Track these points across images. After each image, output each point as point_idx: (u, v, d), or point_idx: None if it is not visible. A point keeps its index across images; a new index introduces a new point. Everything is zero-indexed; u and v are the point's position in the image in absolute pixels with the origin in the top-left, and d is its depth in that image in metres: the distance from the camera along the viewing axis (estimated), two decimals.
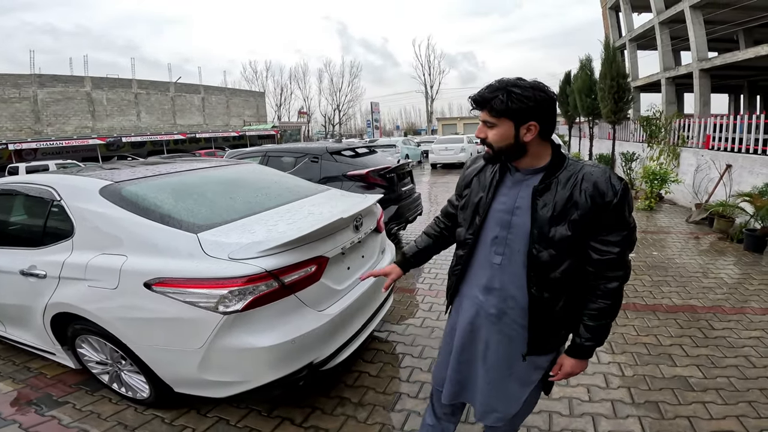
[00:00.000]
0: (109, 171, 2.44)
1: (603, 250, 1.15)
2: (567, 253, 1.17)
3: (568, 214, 1.14)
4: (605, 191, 1.12)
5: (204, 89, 33.56)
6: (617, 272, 1.17)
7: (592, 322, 1.20)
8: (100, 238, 2.02)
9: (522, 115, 1.13)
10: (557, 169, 1.19)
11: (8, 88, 22.47)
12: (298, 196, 2.64)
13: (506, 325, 1.28)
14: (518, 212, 1.21)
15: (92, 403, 2.34)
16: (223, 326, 1.73)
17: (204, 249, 1.81)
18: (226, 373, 1.82)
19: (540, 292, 1.20)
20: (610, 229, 1.14)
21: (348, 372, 2.55)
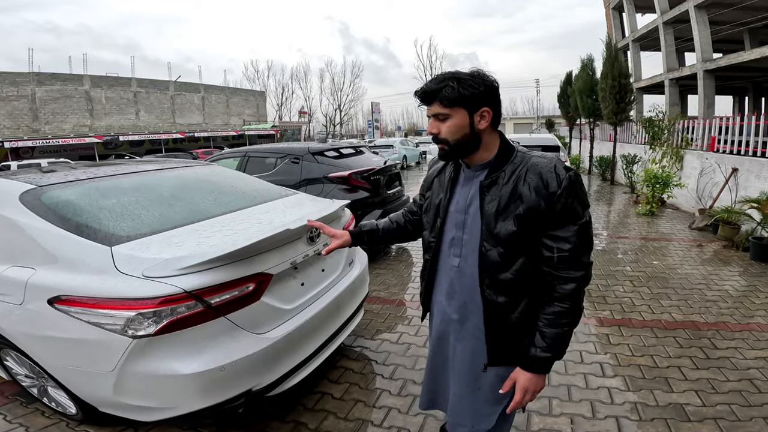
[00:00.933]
0: (41, 174, 2.19)
1: (553, 247, 1.08)
2: (517, 251, 1.10)
3: (513, 209, 1.09)
4: (549, 182, 1.05)
5: (204, 88, 33.40)
6: (573, 272, 1.08)
7: (548, 329, 1.10)
8: (12, 249, 1.82)
9: (475, 101, 1.07)
10: (504, 162, 1.13)
11: (6, 86, 22.36)
12: (253, 202, 2.38)
13: (468, 331, 1.21)
14: (470, 210, 1.17)
15: (24, 415, 2.17)
16: (134, 350, 1.52)
17: (116, 264, 1.57)
18: (147, 398, 1.60)
19: (494, 295, 1.14)
20: (559, 224, 1.07)
21: (309, 393, 2.31)
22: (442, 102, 1.07)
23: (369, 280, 2.82)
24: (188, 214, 2.03)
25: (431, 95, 1.08)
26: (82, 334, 1.57)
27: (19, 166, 14.54)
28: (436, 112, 1.09)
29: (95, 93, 26.08)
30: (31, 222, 1.76)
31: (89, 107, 25.75)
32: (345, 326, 2.37)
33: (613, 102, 10.01)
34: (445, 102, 1.06)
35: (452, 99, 1.06)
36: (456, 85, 1.05)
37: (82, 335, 1.57)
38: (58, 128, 24.07)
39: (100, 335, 1.53)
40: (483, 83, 1.07)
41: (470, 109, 1.08)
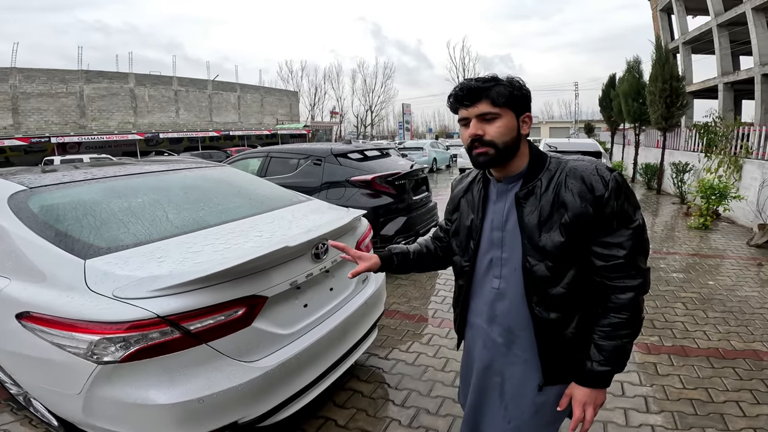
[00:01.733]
0: (37, 174, 2.07)
1: (606, 255, 1.00)
2: (567, 263, 1.02)
3: (557, 218, 1.01)
4: (594, 185, 0.98)
5: (240, 87, 34.20)
6: (629, 281, 1.00)
7: (605, 342, 1.01)
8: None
9: (522, 104, 1.04)
10: (538, 170, 1.06)
11: (56, 83, 23.63)
12: (259, 209, 2.17)
13: (517, 355, 1.12)
14: (508, 226, 1.08)
15: (11, 422, 2.11)
16: (100, 376, 1.35)
17: (87, 281, 1.39)
18: (118, 424, 1.43)
19: (545, 311, 1.04)
20: (610, 229, 0.99)
21: (312, 417, 2.11)
22: (493, 101, 1.00)
23: (387, 293, 2.57)
24: (183, 223, 1.85)
25: (479, 92, 1.00)
26: (47, 354, 1.43)
27: (62, 161, 15.26)
28: (484, 112, 1.01)
29: (139, 91, 27.21)
30: (13, 228, 1.62)
31: (133, 105, 26.88)
32: (354, 349, 2.13)
33: (662, 106, 9.41)
34: (500, 99, 0.99)
35: (507, 98, 1.00)
36: (507, 84, 1.01)
37: (47, 355, 1.43)
38: (103, 125, 25.25)
39: (64, 357, 1.38)
40: (526, 89, 1.04)
41: (517, 111, 1.03)
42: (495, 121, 1.01)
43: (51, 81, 23.45)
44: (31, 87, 22.73)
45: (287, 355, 1.63)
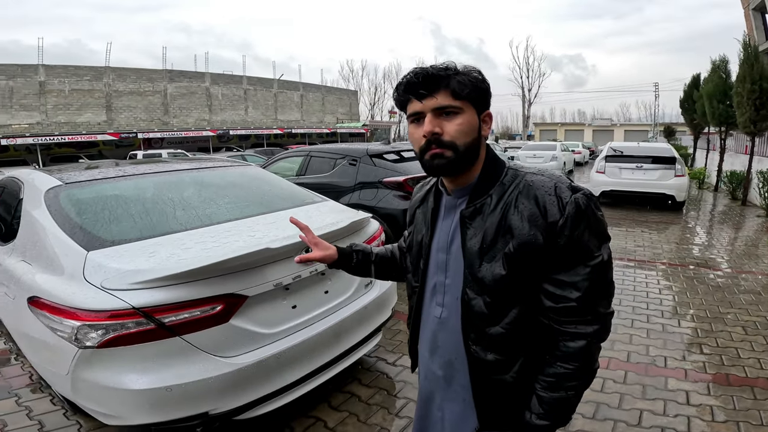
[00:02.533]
0: (76, 171, 2.32)
1: (557, 295, 0.83)
2: (509, 300, 0.87)
3: (501, 246, 0.84)
4: (548, 207, 0.81)
5: (303, 86, 35.69)
6: (583, 327, 0.84)
7: (546, 393, 0.87)
8: (26, 244, 1.93)
9: (484, 100, 0.87)
10: (490, 184, 0.88)
11: (144, 82, 26.33)
12: (266, 209, 2.25)
13: (456, 392, 0.99)
14: (453, 248, 0.93)
15: (35, 399, 2.28)
16: (81, 359, 1.49)
17: (84, 272, 1.54)
18: (98, 404, 1.58)
19: (482, 352, 0.90)
20: (563, 265, 0.82)
21: (303, 416, 2.14)
22: (456, 92, 0.82)
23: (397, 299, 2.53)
24: (186, 221, 1.97)
25: (437, 80, 0.82)
26: (45, 337, 1.59)
27: (144, 155, 16.94)
28: (443, 105, 0.82)
29: (214, 90, 29.48)
30: (43, 220, 1.83)
31: (208, 103, 29.19)
32: (349, 353, 2.13)
33: (751, 108, 8.43)
34: (463, 91, 0.82)
35: (470, 90, 0.83)
36: (473, 73, 0.84)
37: (45, 338, 1.60)
38: (183, 122, 27.69)
39: (56, 340, 1.54)
40: (487, 81, 0.87)
41: (479, 108, 0.87)
42: (455, 116, 0.83)
43: (140, 80, 26.14)
44: (122, 85, 25.49)
45: (266, 354, 1.67)
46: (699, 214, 8.29)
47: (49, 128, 21.93)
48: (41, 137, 18.69)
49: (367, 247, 1.21)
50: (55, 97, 22.86)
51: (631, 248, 5.45)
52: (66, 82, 23.19)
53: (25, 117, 21.87)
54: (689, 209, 8.54)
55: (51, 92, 22.69)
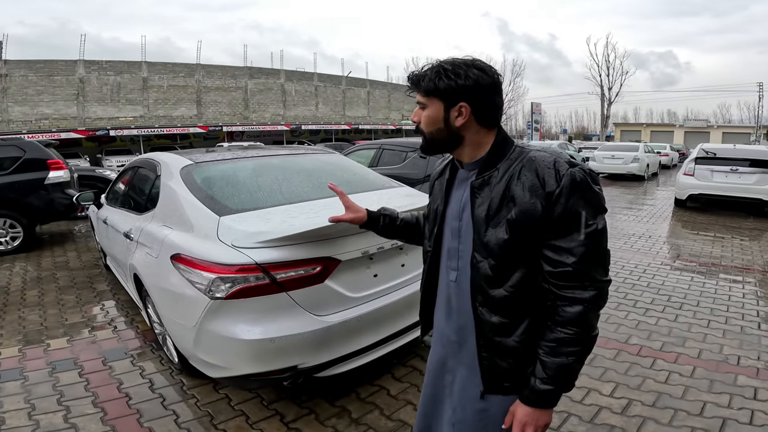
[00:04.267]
0: (201, 153, 2.80)
1: (555, 260, 0.91)
2: (512, 263, 0.95)
3: (505, 213, 0.94)
4: (546, 179, 0.90)
5: (369, 83, 36.48)
6: (580, 292, 0.90)
7: (549, 358, 0.93)
8: (166, 211, 2.30)
9: (450, 94, 0.96)
10: (497, 159, 0.99)
11: (228, 78, 28.61)
12: (352, 190, 2.51)
13: (467, 354, 1.06)
14: (464, 216, 1.03)
15: (147, 360, 2.64)
16: (210, 310, 1.78)
17: (218, 232, 1.88)
18: (211, 355, 1.89)
19: (488, 314, 0.98)
20: (560, 232, 0.91)
21: (368, 383, 2.38)
22: (420, 89, 1.00)
23: None
24: (290, 196, 2.31)
25: (416, 81, 1.01)
26: (183, 290, 1.90)
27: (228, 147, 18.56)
28: (418, 100, 1.02)
29: (288, 86, 31.22)
30: (181, 191, 2.24)
31: (283, 99, 31.00)
32: (417, 326, 2.34)
33: None
34: (423, 90, 0.99)
35: (429, 88, 0.98)
36: (433, 74, 0.97)
37: (182, 290, 1.90)
38: (261, 117, 29.73)
39: (192, 292, 1.82)
40: (466, 76, 0.94)
41: (446, 102, 0.97)
42: (424, 110, 1.01)
43: (224, 76, 28.43)
44: (210, 81, 27.89)
45: (350, 315, 1.94)
46: None
47: (150, 121, 24.69)
48: (144, 129, 21.11)
49: (394, 212, 1.39)
50: (156, 92, 25.62)
51: (718, 253, 5.13)
52: (164, 78, 25.91)
53: (130, 111, 24.79)
54: None
55: (152, 87, 25.46)
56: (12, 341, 2.95)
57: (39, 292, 3.99)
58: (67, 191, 6.00)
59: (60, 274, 4.53)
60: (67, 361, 2.65)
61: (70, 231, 6.94)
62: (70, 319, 3.33)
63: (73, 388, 2.35)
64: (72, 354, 2.74)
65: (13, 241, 5.54)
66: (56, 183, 5.84)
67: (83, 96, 23.29)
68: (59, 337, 2.98)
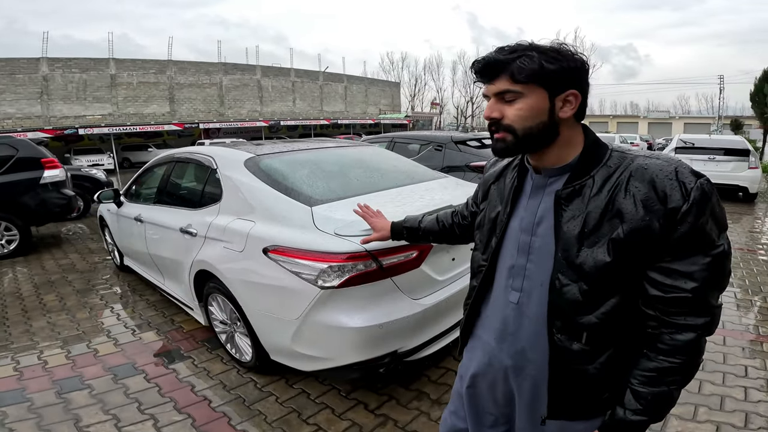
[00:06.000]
0: (253, 146, 2.76)
1: (668, 285, 0.78)
2: (609, 289, 0.82)
3: (607, 230, 0.80)
4: (669, 192, 0.76)
5: (347, 78, 36.23)
6: (693, 319, 0.78)
7: (646, 389, 0.82)
8: (238, 204, 2.24)
9: (560, 79, 0.81)
10: (592, 165, 0.84)
11: (202, 74, 27.69)
12: (413, 180, 2.60)
13: (526, 380, 0.96)
14: (540, 230, 0.89)
15: (208, 360, 2.60)
16: (319, 300, 1.77)
17: (315, 222, 1.88)
18: (313, 347, 1.88)
19: (568, 341, 0.86)
20: (680, 254, 0.77)
21: (434, 366, 2.47)
22: (515, 76, 0.81)
23: None
24: (362, 186, 2.34)
25: (498, 66, 0.82)
26: (283, 282, 1.85)
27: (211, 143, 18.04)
28: (503, 90, 0.83)
29: (264, 82, 30.57)
30: (255, 183, 2.21)
31: (260, 95, 30.32)
32: None
33: None
34: (521, 76, 0.80)
35: (530, 73, 0.80)
36: (537, 55, 0.80)
37: (283, 282, 1.85)
38: (237, 113, 28.97)
39: (297, 284, 1.79)
40: (572, 58, 0.81)
41: (552, 89, 0.82)
42: (515, 101, 0.83)
43: (198, 73, 27.53)
44: (183, 78, 26.92)
45: (440, 297, 2.01)
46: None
47: (119, 119, 23.63)
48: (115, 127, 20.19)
49: (415, 221, 1.40)
50: (125, 90, 24.53)
51: None
52: (134, 75, 24.82)
53: (98, 108, 23.65)
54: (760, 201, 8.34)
55: (121, 85, 24.36)
56: (53, 348, 2.83)
57: (57, 296, 3.83)
58: (63, 191, 5.76)
59: (72, 277, 4.35)
60: (125, 366, 2.57)
61: (60, 232, 6.64)
62: (105, 322, 3.23)
63: (147, 395, 2.27)
64: (126, 359, 2.66)
65: (9, 245, 5.27)
66: (52, 182, 5.59)
67: (47, 94, 22.05)
68: (104, 342, 2.89)
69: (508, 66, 0.81)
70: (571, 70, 0.82)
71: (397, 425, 2.00)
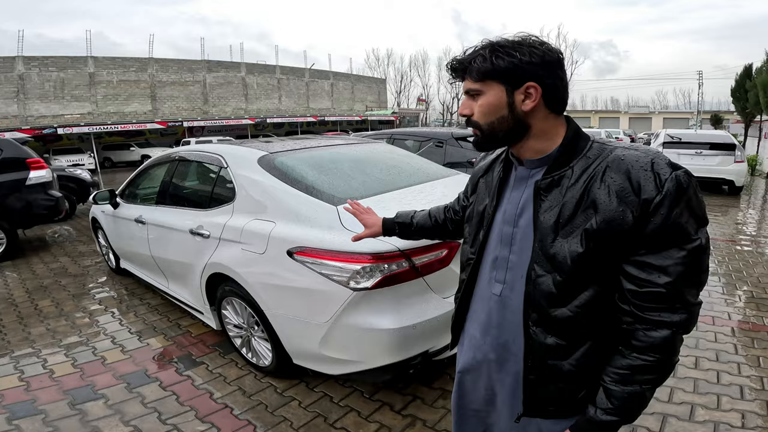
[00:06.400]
0: (264, 143, 2.68)
1: (642, 279, 0.76)
2: (582, 281, 0.81)
3: (581, 221, 0.79)
4: (642, 183, 0.74)
5: (333, 75, 35.94)
6: (668, 315, 0.76)
7: (618, 387, 0.80)
8: (255, 204, 2.16)
9: (515, 74, 0.81)
10: (571, 156, 0.84)
11: (185, 72, 27.10)
12: (429, 177, 2.57)
13: (508, 374, 0.96)
14: (521, 222, 0.89)
15: (222, 365, 2.52)
16: (351, 303, 1.72)
17: (342, 222, 1.82)
18: (344, 351, 1.82)
19: (542, 334, 0.86)
20: (654, 246, 0.75)
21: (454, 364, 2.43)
22: (472, 75, 0.84)
23: None
24: (383, 184, 2.30)
25: (462, 68, 0.86)
26: (312, 284, 1.77)
27: (197, 142, 17.69)
28: (467, 88, 0.86)
29: (249, 79, 30.08)
30: (271, 182, 2.13)
31: (245, 92, 29.83)
32: None
33: None
34: (476, 74, 0.83)
35: (483, 71, 0.82)
36: (488, 53, 0.82)
37: (311, 285, 1.78)
38: (221, 111, 28.44)
39: (327, 286, 1.73)
40: (530, 52, 0.81)
41: (509, 84, 0.82)
42: (479, 98, 0.86)
43: (181, 70, 26.93)
44: (165, 76, 26.31)
45: None
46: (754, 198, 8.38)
47: (99, 118, 22.95)
48: (95, 126, 19.61)
49: (407, 217, 1.32)
50: (104, 88, 23.84)
51: None
52: (114, 73, 24.13)
53: (77, 107, 22.94)
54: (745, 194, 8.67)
55: (100, 83, 23.67)
56: (57, 356, 2.72)
57: (53, 301, 3.69)
58: (51, 192, 5.56)
59: (65, 282, 4.20)
60: (137, 374, 2.47)
61: (45, 235, 6.42)
62: (108, 328, 3.12)
63: (165, 404, 2.18)
64: (136, 366, 2.57)
65: None
66: (38, 183, 5.39)
67: (24, 93, 21.30)
68: (110, 349, 2.79)
69: (469, 66, 0.85)
70: (528, 64, 0.81)
71: (426, 425, 1.98)
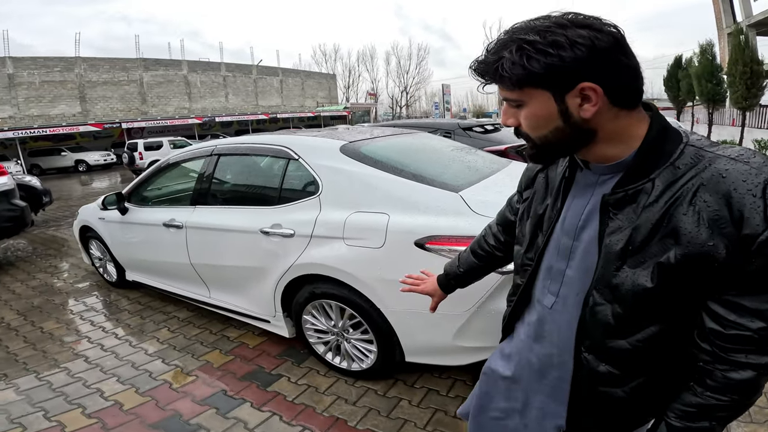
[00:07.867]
0: (335, 132, 2.53)
1: (730, 321, 0.64)
2: (647, 317, 0.69)
3: (656, 251, 0.65)
4: (747, 214, 0.58)
5: (282, 72, 35.02)
6: (755, 357, 0.64)
7: (682, 423, 0.70)
8: (350, 195, 2.01)
9: (559, 77, 0.63)
10: (653, 164, 0.66)
11: (117, 71, 25.01)
12: (501, 166, 2.57)
13: (548, 386, 0.89)
14: (584, 236, 0.76)
15: (303, 375, 2.34)
16: (498, 287, 1.67)
17: (471, 207, 1.79)
18: (481, 338, 1.76)
19: (595, 361, 0.76)
20: (751, 289, 0.62)
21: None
22: (504, 83, 0.67)
23: None
24: (475, 173, 2.26)
25: (487, 72, 0.68)
26: None
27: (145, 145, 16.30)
28: (504, 96, 0.70)
29: (192, 77, 28.41)
30: (367, 171, 2.01)
31: (188, 91, 28.15)
32: None
33: (743, 87, 10.05)
34: (507, 84, 0.66)
35: (515, 79, 0.65)
36: (516, 55, 0.63)
37: None
38: (162, 110, 26.60)
39: None
40: (572, 44, 0.61)
41: (555, 89, 0.65)
42: (521, 108, 0.70)
43: (113, 69, 24.82)
44: (95, 75, 24.14)
45: None
46: None
47: (22, 122, 20.56)
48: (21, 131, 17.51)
49: (456, 270, 1.17)
50: (26, 90, 21.44)
51: None
52: (36, 73, 21.73)
53: None
54: None
55: (21, 85, 21.25)
56: (109, 383, 2.41)
57: (58, 322, 3.28)
58: (14, 201, 4.93)
59: (59, 300, 3.74)
60: (218, 396, 2.24)
61: (8, 249, 5.69)
62: (147, 348, 2.81)
63: (271, 426, 1.99)
64: (210, 387, 2.32)
65: None
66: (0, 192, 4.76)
67: None
68: (167, 371, 2.51)
69: (495, 72, 0.66)
70: (573, 61, 0.61)
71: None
